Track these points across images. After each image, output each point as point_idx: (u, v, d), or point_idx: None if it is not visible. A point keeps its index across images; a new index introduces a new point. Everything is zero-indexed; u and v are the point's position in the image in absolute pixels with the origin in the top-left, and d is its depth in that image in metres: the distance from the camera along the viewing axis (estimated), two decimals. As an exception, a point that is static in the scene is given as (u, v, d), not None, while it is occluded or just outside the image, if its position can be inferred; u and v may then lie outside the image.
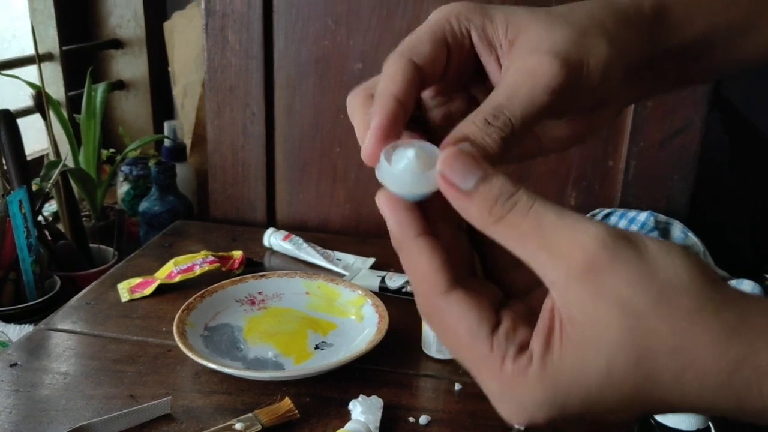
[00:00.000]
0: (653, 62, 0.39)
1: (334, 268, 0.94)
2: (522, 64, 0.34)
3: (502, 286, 0.35)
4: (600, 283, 0.28)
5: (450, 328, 0.31)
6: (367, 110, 0.35)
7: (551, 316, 0.30)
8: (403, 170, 0.32)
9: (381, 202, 0.32)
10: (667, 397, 0.29)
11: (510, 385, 0.30)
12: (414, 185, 0.32)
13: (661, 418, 0.53)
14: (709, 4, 0.39)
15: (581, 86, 0.35)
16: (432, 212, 0.33)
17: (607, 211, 0.99)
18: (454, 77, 0.37)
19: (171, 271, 0.88)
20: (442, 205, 0.32)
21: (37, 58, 1.02)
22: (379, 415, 0.63)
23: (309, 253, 0.97)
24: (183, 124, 1.29)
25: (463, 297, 0.31)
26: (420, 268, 0.31)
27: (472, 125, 0.33)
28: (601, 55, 0.35)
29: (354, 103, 0.37)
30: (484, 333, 0.30)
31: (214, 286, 0.82)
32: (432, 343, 0.74)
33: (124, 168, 1.21)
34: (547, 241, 0.29)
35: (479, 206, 0.30)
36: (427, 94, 0.38)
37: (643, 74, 0.39)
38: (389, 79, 0.34)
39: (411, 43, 0.35)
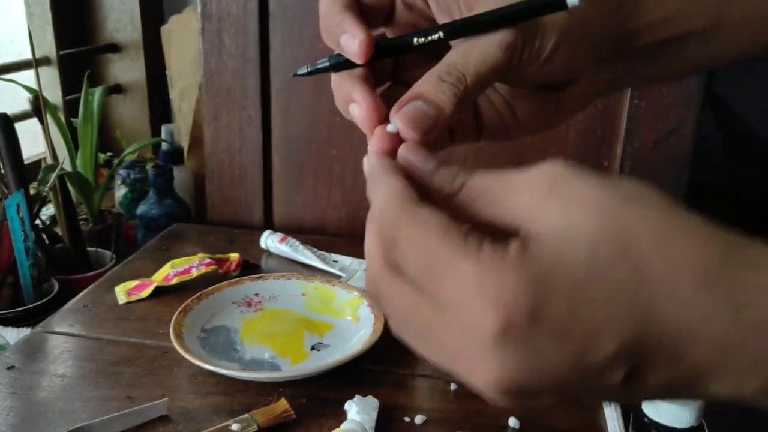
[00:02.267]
0: (620, 45, 0.38)
1: (331, 270, 0.95)
2: None
3: None
4: (568, 191, 0.27)
5: (421, 233, 0.29)
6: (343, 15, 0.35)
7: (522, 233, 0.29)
8: None
9: (377, 133, 0.35)
10: (657, 301, 0.26)
11: (487, 270, 0.26)
12: None
13: (653, 415, 0.53)
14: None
15: (539, 49, 0.35)
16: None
17: (602, 211, 1.00)
18: (402, 31, 0.38)
19: (168, 273, 0.88)
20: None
21: (34, 63, 1.03)
22: (374, 415, 0.63)
23: (305, 255, 0.97)
24: (180, 128, 1.29)
25: (431, 208, 0.30)
26: (390, 187, 0.31)
27: (425, 83, 0.33)
28: (557, 20, 0.35)
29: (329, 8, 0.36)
30: (456, 228, 0.28)
31: (210, 288, 0.82)
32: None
33: (122, 171, 1.21)
34: (509, 183, 0.29)
35: (439, 182, 0.31)
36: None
37: (611, 60, 0.39)
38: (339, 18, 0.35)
39: None
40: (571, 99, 0.40)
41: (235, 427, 0.61)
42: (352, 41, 0.34)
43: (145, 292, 0.86)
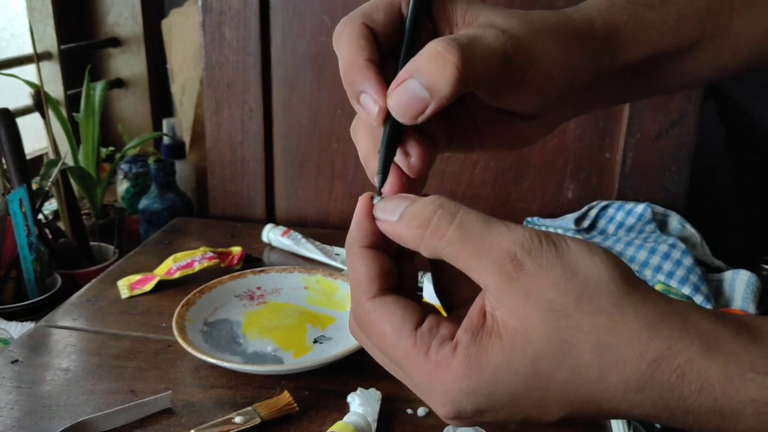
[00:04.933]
0: (597, 80, 0.39)
1: (333, 263, 0.95)
2: (473, 32, 0.35)
3: (449, 297, 0.36)
4: (526, 286, 0.30)
5: (377, 330, 0.33)
6: (359, 45, 0.35)
7: (481, 314, 0.31)
8: None
9: (358, 207, 0.35)
10: (595, 397, 0.30)
11: (434, 374, 0.31)
12: None
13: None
14: (656, 27, 0.40)
15: (526, 74, 0.35)
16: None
17: (604, 203, 0.99)
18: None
19: (170, 267, 0.88)
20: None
21: (36, 57, 1.03)
22: (377, 407, 0.64)
23: (308, 249, 0.97)
24: (182, 122, 1.29)
25: (390, 300, 0.33)
26: (355, 275, 0.34)
27: (424, 57, 0.32)
28: (550, 53, 0.36)
29: (344, 34, 0.36)
30: (407, 329, 0.32)
31: (213, 281, 0.82)
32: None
33: (124, 166, 1.21)
34: (476, 248, 0.31)
35: (406, 229, 0.32)
36: None
37: (584, 92, 0.39)
38: (352, 44, 0.35)
39: (364, 8, 0.36)
40: (533, 128, 0.40)
41: (238, 419, 0.61)
42: (372, 105, 0.35)
43: (148, 286, 0.86)
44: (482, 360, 0.30)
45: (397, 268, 0.35)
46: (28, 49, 1.25)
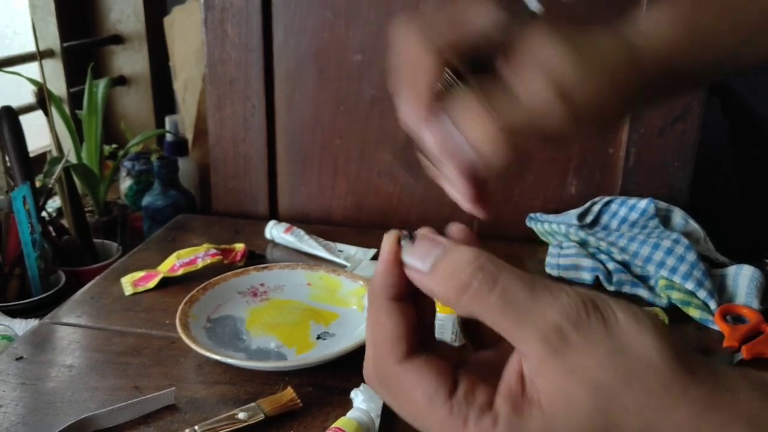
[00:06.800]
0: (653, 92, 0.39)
1: (336, 260, 0.95)
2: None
3: (478, 338, 0.35)
4: (572, 362, 0.28)
5: (406, 395, 0.31)
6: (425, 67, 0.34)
7: (518, 379, 0.30)
8: None
9: (384, 251, 0.32)
10: None
11: None
12: None
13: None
14: (717, 40, 0.39)
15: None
16: None
17: (607, 198, 0.99)
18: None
19: (174, 264, 0.89)
20: None
21: (38, 55, 1.03)
22: (380, 403, 0.64)
23: (311, 245, 0.97)
24: (184, 119, 1.29)
25: (419, 364, 0.31)
26: (381, 330, 0.31)
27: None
28: (603, 98, 0.35)
29: (411, 46, 0.35)
30: (441, 397, 0.30)
31: (216, 278, 0.82)
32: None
33: (127, 163, 1.21)
34: (518, 317, 0.29)
35: (441, 286, 0.30)
36: None
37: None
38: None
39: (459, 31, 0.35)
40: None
41: (241, 415, 0.61)
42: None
43: (152, 283, 0.86)
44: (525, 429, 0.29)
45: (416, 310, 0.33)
46: (30, 47, 1.25)
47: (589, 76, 0.34)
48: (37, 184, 0.99)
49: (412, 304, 0.32)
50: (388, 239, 0.32)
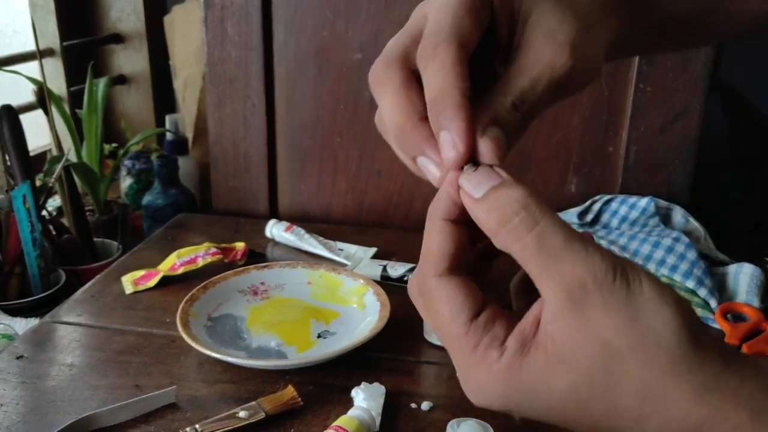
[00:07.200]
0: (647, 33, 0.41)
1: (336, 258, 0.95)
2: (541, 54, 0.34)
3: (522, 296, 0.36)
4: (587, 317, 0.29)
5: (435, 307, 0.33)
6: (455, 72, 0.33)
7: (534, 322, 0.31)
8: None
9: (451, 173, 0.33)
10: None
11: (475, 368, 0.31)
12: None
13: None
14: None
15: (584, 75, 0.36)
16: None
17: (608, 197, 0.99)
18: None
19: (174, 263, 0.89)
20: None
21: (38, 54, 1.03)
22: (381, 401, 0.64)
23: (311, 244, 0.97)
24: (184, 118, 1.29)
25: (455, 283, 0.32)
26: (429, 245, 0.33)
27: (501, 109, 0.34)
28: (604, 45, 0.36)
29: (387, 75, 0.35)
30: (463, 317, 0.32)
31: (216, 277, 0.82)
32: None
33: (127, 162, 1.21)
34: (548, 264, 0.30)
35: (484, 215, 0.31)
36: None
37: (636, 44, 0.41)
38: (449, 74, 0.33)
39: (455, 25, 0.34)
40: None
41: (242, 414, 0.61)
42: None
43: (152, 282, 0.86)
44: (523, 374, 0.30)
45: (472, 240, 0.34)
46: (30, 46, 1.25)
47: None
48: (38, 183, 0.99)
49: (465, 229, 0.33)
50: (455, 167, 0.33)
